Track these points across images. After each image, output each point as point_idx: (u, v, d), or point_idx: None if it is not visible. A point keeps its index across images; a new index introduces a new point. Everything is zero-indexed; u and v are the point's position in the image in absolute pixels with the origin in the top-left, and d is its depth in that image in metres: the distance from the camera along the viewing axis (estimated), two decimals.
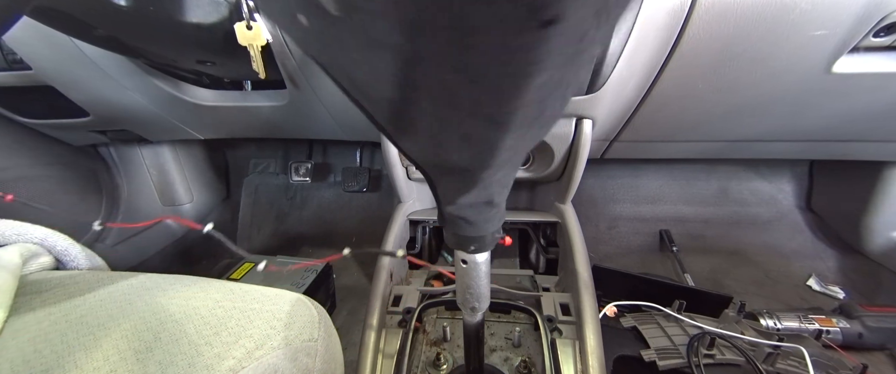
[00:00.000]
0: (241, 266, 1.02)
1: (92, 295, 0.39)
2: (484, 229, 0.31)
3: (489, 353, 0.62)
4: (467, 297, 0.38)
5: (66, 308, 0.37)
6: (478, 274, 0.35)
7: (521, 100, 0.16)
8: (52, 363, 0.32)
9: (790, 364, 0.57)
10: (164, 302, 0.39)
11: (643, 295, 0.71)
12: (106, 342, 0.34)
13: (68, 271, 0.47)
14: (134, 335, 0.35)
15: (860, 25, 0.51)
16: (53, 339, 0.34)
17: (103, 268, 0.51)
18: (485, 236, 0.32)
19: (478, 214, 0.29)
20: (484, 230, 0.31)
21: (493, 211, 0.29)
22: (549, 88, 0.16)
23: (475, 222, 0.30)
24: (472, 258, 0.34)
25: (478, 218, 0.30)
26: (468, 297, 0.37)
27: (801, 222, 1.17)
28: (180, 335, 0.36)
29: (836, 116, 0.72)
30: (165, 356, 0.34)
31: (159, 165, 1.25)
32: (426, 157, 0.22)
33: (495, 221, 0.31)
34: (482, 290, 0.37)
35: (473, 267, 0.35)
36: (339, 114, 0.85)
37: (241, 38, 0.57)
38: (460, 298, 0.39)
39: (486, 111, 0.17)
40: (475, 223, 0.30)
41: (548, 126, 0.21)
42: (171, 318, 0.37)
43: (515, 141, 0.20)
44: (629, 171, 1.26)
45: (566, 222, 0.80)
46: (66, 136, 1.06)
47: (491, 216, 0.30)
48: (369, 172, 1.29)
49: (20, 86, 0.81)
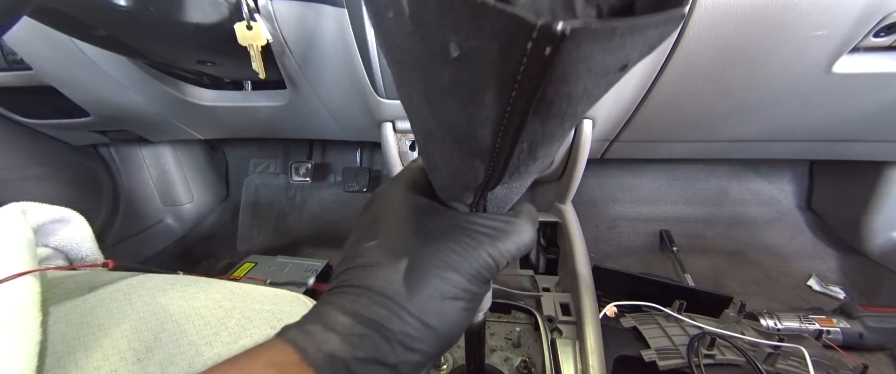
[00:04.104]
0: (242, 266, 1.02)
1: (92, 295, 0.39)
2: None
3: (489, 353, 0.62)
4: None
5: (65, 308, 0.37)
6: None
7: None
8: (51, 363, 0.32)
9: (790, 364, 0.57)
10: (164, 302, 0.39)
11: (643, 295, 0.71)
12: (106, 342, 0.34)
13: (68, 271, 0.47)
14: (134, 335, 0.35)
15: (860, 25, 0.51)
16: (53, 339, 0.34)
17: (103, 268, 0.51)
18: None
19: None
20: None
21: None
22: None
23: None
24: None
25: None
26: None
27: (801, 222, 1.17)
28: (180, 335, 0.36)
29: (837, 116, 0.72)
30: (165, 356, 0.34)
31: (159, 165, 1.25)
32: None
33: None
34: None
35: None
36: (339, 114, 0.85)
37: (241, 39, 0.57)
38: None
39: (552, 136, 0.18)
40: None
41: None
42: (171, 318, 0.37)
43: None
44: (629, 171, 1.26)
45: (566, 222, 0.80)
46: (67, 136, 1.06)
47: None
48: (369, 172, 1.29)
49: (20, 86, 0.81)
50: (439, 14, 0.12)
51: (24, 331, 0.31)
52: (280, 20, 0.59)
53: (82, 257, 0.51)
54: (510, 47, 0.12)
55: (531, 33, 0.11)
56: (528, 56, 0.12)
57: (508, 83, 0.13)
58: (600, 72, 0.13)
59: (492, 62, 0.13)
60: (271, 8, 0.57)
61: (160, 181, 1.27)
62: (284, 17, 0.59)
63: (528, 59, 0.12)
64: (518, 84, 0.13)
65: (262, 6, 0.57)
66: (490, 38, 0.12)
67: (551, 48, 0.11)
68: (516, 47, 0.12)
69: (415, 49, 0.15)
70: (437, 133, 0.19)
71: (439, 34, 0.13)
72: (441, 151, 0.21)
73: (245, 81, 0.83)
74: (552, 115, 0.15)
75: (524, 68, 0.12)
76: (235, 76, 0.81)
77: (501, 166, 0.19)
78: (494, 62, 0.13)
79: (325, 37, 0.62)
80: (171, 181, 1.27)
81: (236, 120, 0.93)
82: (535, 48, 0.11)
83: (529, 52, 0.11)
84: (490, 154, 0.18)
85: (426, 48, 0.14)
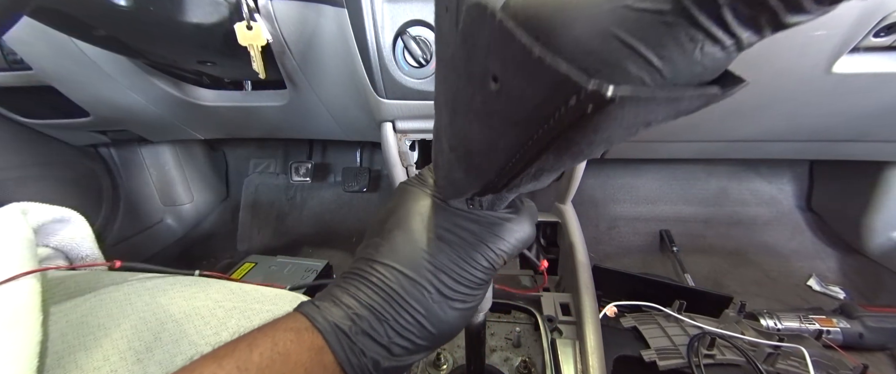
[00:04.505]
0: (242, 266, 1.02)
1: (92, 295, 0.39)
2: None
3: (489, 353, 0.62)
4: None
5: (65, 308, 0.37)
6: None
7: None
8: (52, 363, 0.32)
9: (790, 365, 0.57)
10: (164, 302, 0.39)
11: (643, 295, 0.71)
12: (106, 342, 0.34)
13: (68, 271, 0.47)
14: (134, 335, 0.35)
15: (860, 25, 0.51)
16: (54, 339, 0.34)
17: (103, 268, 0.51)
18: None
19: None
20: None
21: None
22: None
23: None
24: None
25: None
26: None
27: (801, 222, 1.17)
28: (180, 335, 0.36)
29: (837, 115, 0.72)
30: (166, 356, 0.34)
31: (159, 165, 1.25)
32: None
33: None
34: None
35: None
36: (339, 114, 0.85)
37: (241, 39, 0.57)
38: None
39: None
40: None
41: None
42: (171, 318, 0.37)
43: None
44: (629, 171, 1.26)
45: (566, 222, 0.80)
46: (67, 136, 1.06)
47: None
48: (369, 172, 1.29)
49: (20, 86, 0.81)
50: (491, 44, 0.13)
51: (25, 331, 0.31)
52: (280, 20, 0.59)
53: (82, 256, 0.51)
54: (555, 98, 0.12)
55: (579, 92, 0.11)
56: (568, 108, 0.12)
57: (539, 123, 0.13)
58: (628, 127, 0.14)
59: (530, 104, 0.13)
60: (271, 8, 0.57)
61: (160, 181, 1.27)
62: (284, 17, 0.59)
63: (566, 110, 0.12)
64: (548, 126, 0.13)
65: (262, 6, 0.57)
66: (537, 84, 0.12)
67: (594, 107, 0.11)
68: (560, 99, 0.12)
69: (457, 61, 0.15)
70: (449, 140, 0.20)
71: (484, 61, 0.13)
72: (448, 155, 0.21)
73: (245, 81, 0.83)
74: (570, 152, 0.15)
75: (560, 116, 0.12)
76: (235, 76, 0.81)
77: (503, 183, 0.19)
78: (533, 105, 0.13)
79: (325, 37, 0.62)
80: (171, 181, 1.27)
81: (236, 120, 0.93)
82: (578, 104, 0.11)
83: (571, 106, 0.12)
84: (494, 173, 0.18)
85: (467, 68, 0.14)
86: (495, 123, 0.15)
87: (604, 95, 0.11)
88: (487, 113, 0.15)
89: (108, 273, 0.44)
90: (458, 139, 0.19)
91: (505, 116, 0.14)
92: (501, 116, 0.15)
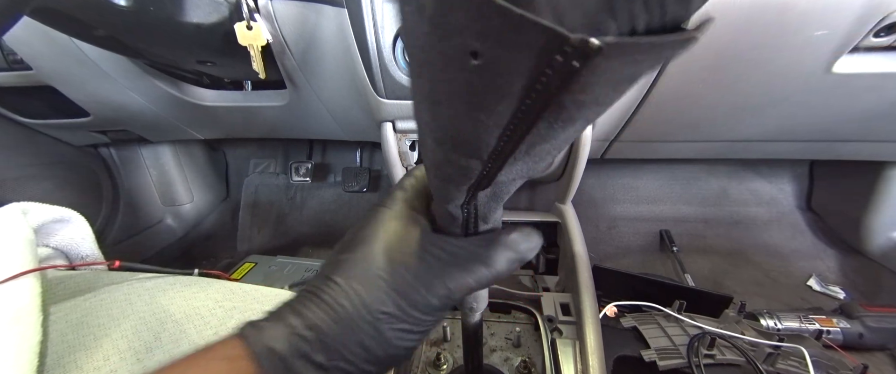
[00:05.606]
0: (242, 266, 1.02)
1: (92, 295, 0.39)
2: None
3: (489, 353, 0.62)
4: (466, 297, 0.37)
5: (66, 308, 0.37)
6: None
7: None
8: (52, 363, 0.32)
9: (790, 365, 0.57)
10: (164, 302, 0.39)
11: (643, 295, 0.71)
12: (106, 342, 0.34)
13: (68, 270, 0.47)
14: (134, 335, 0.35)
15: (860, 25, 0.51)
16: (53, 339, 0.34)
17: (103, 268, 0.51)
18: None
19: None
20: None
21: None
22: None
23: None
24: None
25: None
26: (466, 297, 0.37)
27: (801, 222, 1.17)
28: (180, 335, 0.36)
29: (837, 115, 0.72)
30: (166, 356, 0.34)
31: (159, 165, 1.25)
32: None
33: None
34: (480, 290, 0.37)
35: None
36: (339, 114, 0.85)
37: (241, 39, 0.57)
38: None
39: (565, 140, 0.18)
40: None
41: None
42: (171, 318, 0.37)
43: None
44: (629, 171, 1.26)
45: (566, 222, 0.80)
46: (67, 136, 1.06)
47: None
48: (369, 172, 1.29)
49: (20, 86, 0.81)
50: (466, 20, 0.12)
51: (25, 330, 0.31)
52: (280, 20, 0.59)
53: (82, 256, 0.51)
54: (540, 58, 0.12)
55: (563, 46, 0.11)
56: (555, 67, 0.12)
57: (527, 92, 0.13)
58: (615, 83, 0.13)
59: (515, 72, 0.13)
60: (271, 8, 0.57)
61: (160, 181, 1.27)
62: (284, 17, 0.59)
63: (553, 69, 0.12)
64: (536, 93, 0.13)
65: (262, 6, 0.57)
66: (520, 48, 0.12)
67: (580, 61, 0.11)
68: (545, 59, 0.12)
69: (429, 50, 0.15)
70: (434, 135, 0.19)
71: (461, 39, 0.13)
72: (435, 152, 0.21)
73: (245, 81, 0.83)
74: (560, 119, 0.15)
75: (547, 78, 0.12)
76: (235, 76, 0.81)
77: (498, 167, 0.19)
78: (517, 72, 0.13)
79: (325, 37, 0.62)
80: (171, 181, 1.27)
81: (236, 120, 0.93)
82: (564, 61, 0.11)
83: (558, 63, 0.12)
84: (489, 155, 0.18)
85: (442, 52, 0.14)
86: (480, 100, 0.15)
87: (589, 45, 0.11)
88: (471, 92, 0.15)
89: (107, 273, 0.44)
90: (443, 131, 0.19)
91: (490, 90, 0.14)
92: (486, 91, 0.14)
